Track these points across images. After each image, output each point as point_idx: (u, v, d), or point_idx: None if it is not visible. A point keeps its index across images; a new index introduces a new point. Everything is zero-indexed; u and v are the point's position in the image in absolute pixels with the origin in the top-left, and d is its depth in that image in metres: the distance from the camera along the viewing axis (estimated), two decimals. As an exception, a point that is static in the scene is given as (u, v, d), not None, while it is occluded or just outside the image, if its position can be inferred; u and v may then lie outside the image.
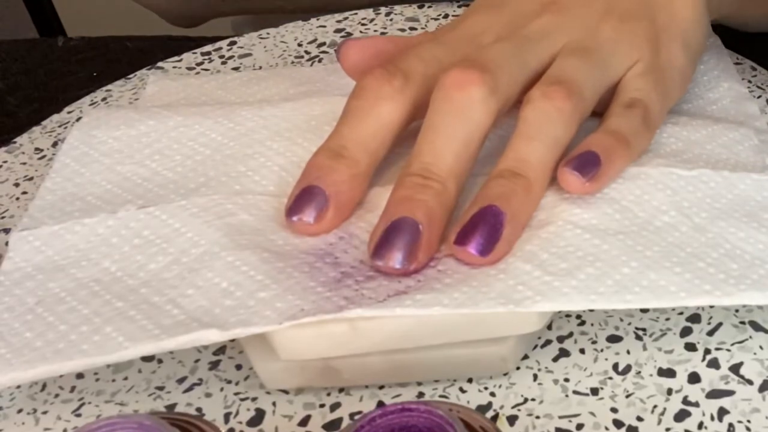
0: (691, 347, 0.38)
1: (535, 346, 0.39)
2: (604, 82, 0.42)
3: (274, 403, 0.37)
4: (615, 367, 0.38)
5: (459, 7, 0.62)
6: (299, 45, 0.59)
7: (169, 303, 0.36)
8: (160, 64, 0.59)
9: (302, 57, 0.58)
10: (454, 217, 0.38)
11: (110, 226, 0.41)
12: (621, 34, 0.43)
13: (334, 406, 0.37)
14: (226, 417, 0.37)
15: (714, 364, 0.37)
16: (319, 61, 0.57)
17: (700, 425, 0.35)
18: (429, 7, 0.62)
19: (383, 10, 0.62)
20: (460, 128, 0.38)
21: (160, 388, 0.38)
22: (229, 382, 0.38)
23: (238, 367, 0.39)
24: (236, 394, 0.38)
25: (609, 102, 0.42)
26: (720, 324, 0.39)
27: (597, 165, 0.39)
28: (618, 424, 0.36)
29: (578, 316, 0.40)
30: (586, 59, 0.41)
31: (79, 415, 0.38)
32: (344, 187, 0.39)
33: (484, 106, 0.39)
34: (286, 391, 0.38)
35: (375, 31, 0.60)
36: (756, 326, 0.39)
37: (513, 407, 0.36)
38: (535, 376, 0.38)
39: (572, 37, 0.42)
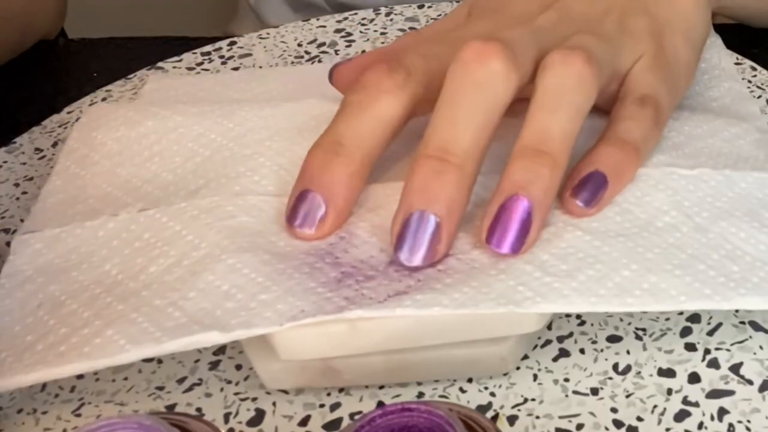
0: (691, 347, 0.38)
1: (535, 346, 0.39)
2: (615, 63, 0.41)
3: (274, 403, 0.37)
4: (615, 367, 0.38)
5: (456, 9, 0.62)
6: (299, 45, 0.59)
7: (170, 306, 0.36)
8: (160, 64, 0.59)
9: (302, 57, 0.58)
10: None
11: (111, 229, 0.40)
12: (623, 29, 0.43)
13: (334, 406, 0.37)
14: (226, 417, 0.37)
15: (714, 364, 0.37)
16: (319, 61, 0.57)
17: (700, 425, 0.35)
18: (429, 7, 0.62)
19: (383, 10, 0.62)
20: (481, 102, 0.37)
21: (160, 388, 0.38)
22: (229, 382, 0.38)
23: (238, 367, 0.39)
24: (236, 394, 0.38)
25: (614, 95, 0.42)
26: (720, 324, 0.39)
27: (604, 188, 0.39)
28: (618, 424, 0.36)
29: (578, 317, 0.40)
30: (597, 39, 0.41)
31: (79, 415, 0.38)
32: (340, 189, 0.38)
33: (507, 79, 0.37)
34: (286, 391, 0.38)
35: (375, 31, 0.60)
36: (756, 326, 0.39)
37: (513, 407, 0.36)
38: (535, 376, 0.38)
39: (576, 30, 0.42)
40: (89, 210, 0.42)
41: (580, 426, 0.36)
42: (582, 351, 0.38)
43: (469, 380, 0.38)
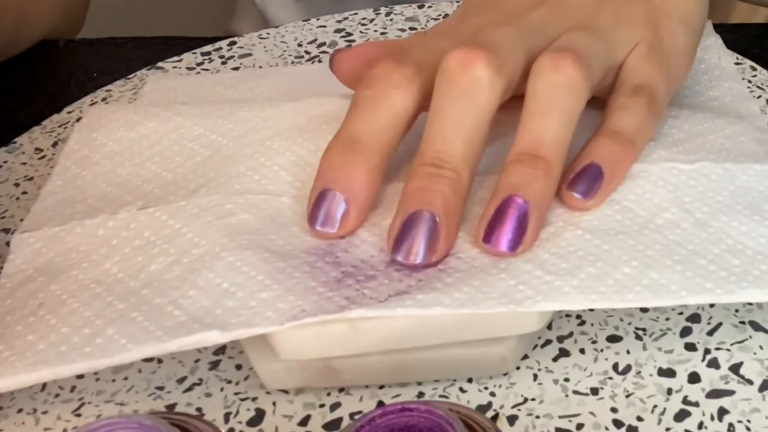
0: (691, 347, 0.38)
1: (535, 346, 0.39)
2: (608, 58, 0.41)
3: (274, 403, 0.37)
4: (615, 367, 0.38)
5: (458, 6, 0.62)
6: (299, 45, 0.59)
7: (170, 304, 0.36)
8: (160, 64, 0.59)
9: (302, 57, 0.58)
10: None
11: (111, 227, 0.40)
12: (619, 18, 0.43)
13: (334, 406, 0.37)
14: (226, 417, 0.37)
15: (714, 364, 0.37)
16: (319, 61, 0.57)
17: (700, 425, 0.35)
18: (429, 7, 0.62)
19: (383, 10, 0.62)
20: (468, 112, 0.38)
21: (160, 388, 0.38)
22: (229, 382, 0.38)
23: (238, 367, 0.39)
24: (236, 394, 0.38)
25: (611, 86, 0.42)
26: (720, 324, 0.39)
27: (600, 179, 0.39)
28: (618, 424, 0.36)
29: (578, 316, 0.40)
30: (589, 34, 0.41)
31: (79, 415, 0.38)
32: (361, 186, 0.38)
33: (491, 86, 0.38)
34: (286, 391, 0.38)
35: (375, 31, 0.60)
36: (756, 326, 0.39)
37: (513, 407, 0.36)
38: (535, 376, 0.38)
39: (571, 24, 0.42)
40: (89, 209, 0.42)
41: (580, 426, 0.36)
42: (582, 351, 0.38)
43: (469, 380, 0.38)
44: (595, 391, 0.37)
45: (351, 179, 0.38)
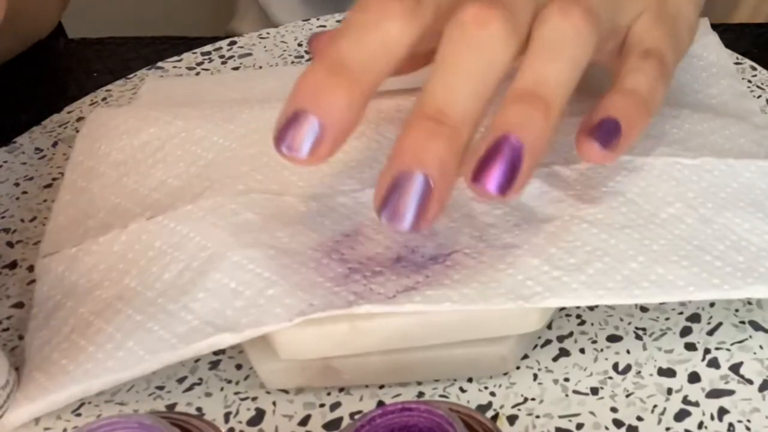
0: (691, 347, 0.38)
1: (535, 346, 0.39)
2: (614, 20, 0.40)
3: (274, 403, 0.37)
4: (615, 366, 0.38)
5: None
6: (299, 45, 0.59)
7: (182, 309, 0.37)
8: (160, 64, 0.59)
9: (302, 57, 0.58)
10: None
11: (124, 242, 0.41)
12: None
13: (334, 406, 0.37)
14: (226, 417, 0.37)
15: (714, 363, 0.37)
16: (319, 61, 0.57)
17: (700, 425, 0.35)
18: (429, 7, 0.62)
19: (383, 10, 0.61)
20: (478, 67, 0.35)
21: (160, 388, 0.38)
22: (229, 381, 0.39)
23: (238, 367, 0.39)
24: (236, 393, 0.38)
25: (613, 52, 0.41)
26: (720, 324, 0.39)
27: (618, 133, 0.37)
28: (618, 423, 0.36)
29: (578, 316, 0.40)
30: None
31: (79, 415, 0.38)
32: (342, 115, 0.33)
33: (506, 44, 0.35)
34: (286, 391, 0.38)
35: (375, 31, 0.60)
36: (756, 326, 0.39)
37: (513, 407, 0.36)
38: (535, 376, 0.38)
39: None
40: (100, 224, 0.42)
41: (580, 426, 0.36)
42: (582, 351, 0.38)
43: (469, 380, 0.38)
44: (595, 391, 0.37)
45: (331, 105, 0.33)
